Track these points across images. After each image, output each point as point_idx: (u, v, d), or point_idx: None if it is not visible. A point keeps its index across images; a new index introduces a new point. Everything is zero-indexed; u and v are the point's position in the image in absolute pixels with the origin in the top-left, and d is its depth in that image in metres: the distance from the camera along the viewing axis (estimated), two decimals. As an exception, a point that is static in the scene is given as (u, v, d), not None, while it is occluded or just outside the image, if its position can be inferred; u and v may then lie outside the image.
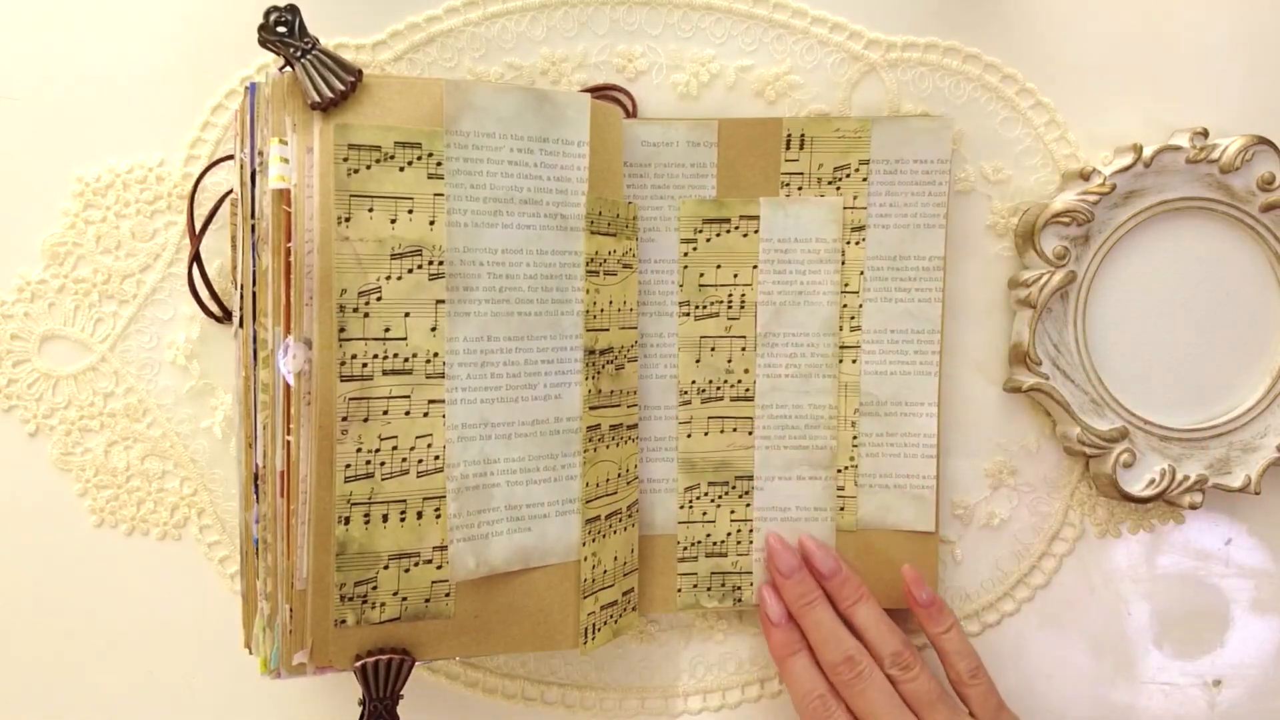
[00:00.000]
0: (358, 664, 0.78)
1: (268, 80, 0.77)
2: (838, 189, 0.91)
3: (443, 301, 0.79)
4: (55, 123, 0.90)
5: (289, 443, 0.77)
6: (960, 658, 0.88)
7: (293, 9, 0.77)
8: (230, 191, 0.89)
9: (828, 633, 0.87)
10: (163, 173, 0.91)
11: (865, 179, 0.91)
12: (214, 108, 0.91)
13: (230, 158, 0.89)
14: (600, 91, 0.91)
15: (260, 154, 0.78)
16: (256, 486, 0.79)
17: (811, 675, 0.87)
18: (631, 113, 0.91)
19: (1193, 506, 0.92)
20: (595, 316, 0.85)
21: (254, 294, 0.78)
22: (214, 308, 0.90)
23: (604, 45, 0.91)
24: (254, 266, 0.78)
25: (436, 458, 0.80)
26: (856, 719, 0.86)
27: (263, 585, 0.79)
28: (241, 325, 0.81)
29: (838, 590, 0.89)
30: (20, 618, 0.93)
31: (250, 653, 0.82)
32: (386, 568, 0.79)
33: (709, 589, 0.92)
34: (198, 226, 0.89)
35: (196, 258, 0.89)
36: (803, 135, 0.90)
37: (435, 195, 0.78)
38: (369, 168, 0.77)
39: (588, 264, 0.84)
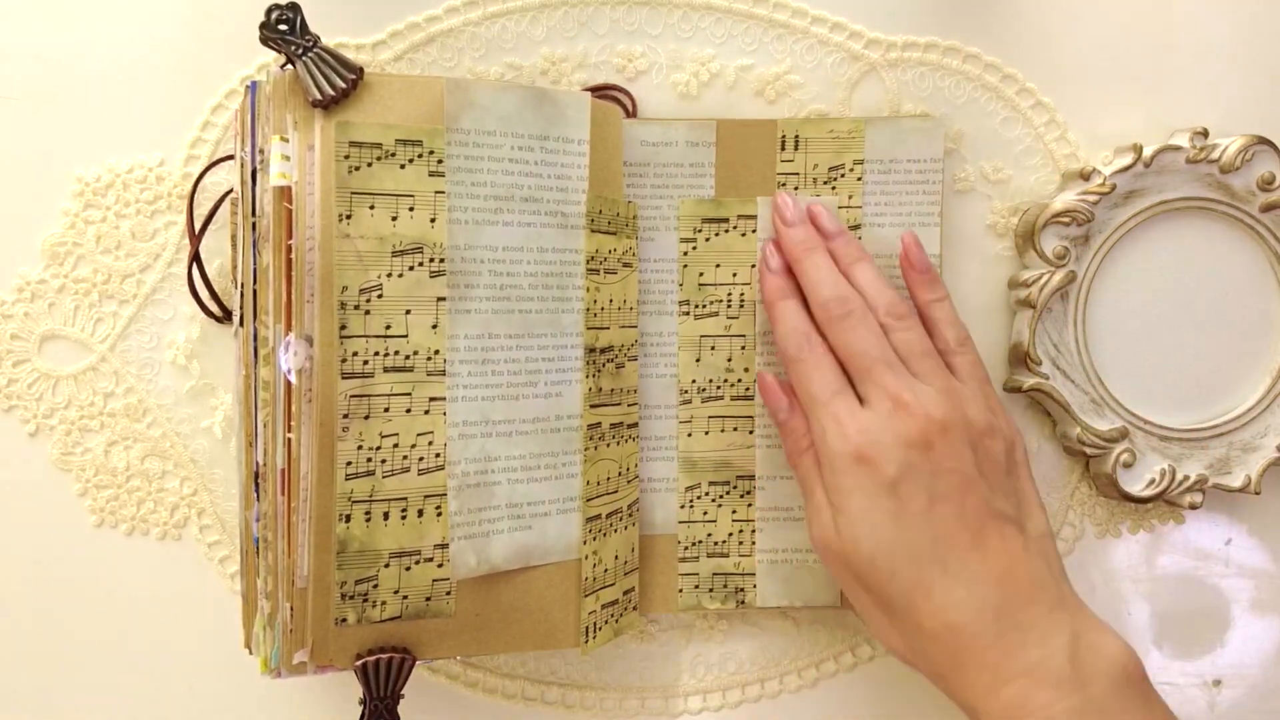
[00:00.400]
0: (358, 663, 0.78)
1: (269, 79, 0.77)
2: (833, 189, 0.91)
3: (444, 299, 0.79)
4: (55, 122, 0.91)
5: (290, 440, 0.77)
6: (950, 326, 0.86)
7: (294, 7, 0.77)
8: (230, 191, 0.89)
9: (825, 273, 0.85)
10: (163, 172, 0.91)
11: (860, 179, 0.91)
12: (214, 107, 0.91)
13: (230, 158, 0.90)
14: (600, 91, 0.91)
15: (261, 152, 0.78)
16: (257, 485, 0.80)
17: (800, 316, 0.85)
18: (631, 112, 0.92)
19: (1193, 506, 0.92)
20: (596, 315, 0.85)
21: (255, 292, 0.78)
22: (214, 307, 0.90)
23: (604, 45, 0.91)
24: (255, 265, 0.78)
25: (437, 455, 0.80)
26: (839, 358, 0.84)
27: (263, 584, 0.79)
28: (242, 324, 0.81)
29: (839, 249, 0.88)
30: (20, 618, 0.93)
31: (250, 653, 0.82)
32: (387, 566, 0.79)
33: (710, 589, 0.92)
34: (198, 226, 0.89)
35: (196, 257, 0.89)
36: (797, 136, 0.91)
37: (436, 193, 0.79)
38: (370, 165, 0.77)
39: (588, 262, 0.85)
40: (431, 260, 0.79)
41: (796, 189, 0.91)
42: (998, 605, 0.74)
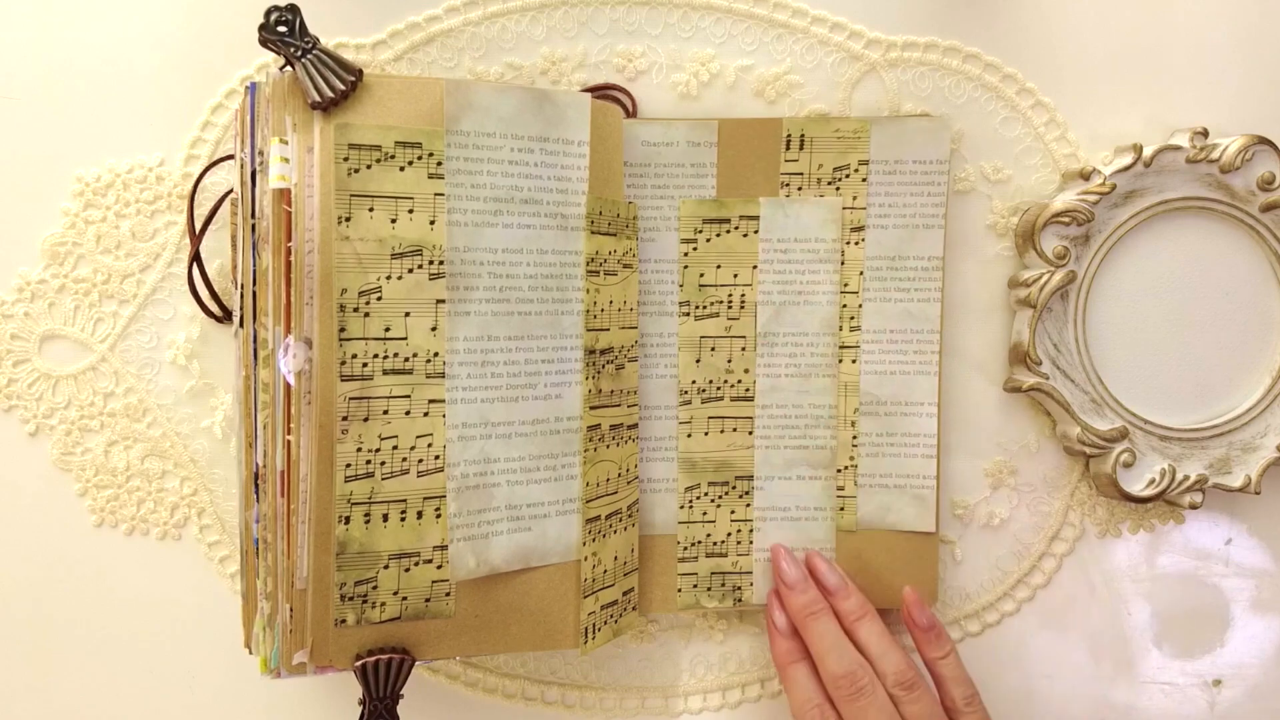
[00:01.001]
0: (358, 664, 0.78)
1: (268, 80, 0.77)
2: (837, 189, 0.91)
3: (443, 301, 0.79)
4: (55, 123, 0.91)
5: (289, 442, 0.77)
6: (956, 684, 0.87)
7: (293, 9, 0.77)
8: (230, 191, 0.89)
9: (831, 644, 0.86)
10: (163, 172, 0.91)
11: (864, 179, 0.91)
12: (214, 107, 0.91)
13: (230, 158, 0.90)
14: (600, 91, 0.91)
15: (260, 154, 0.78)
16: (257, 486, 0.80)
17: (811, 684, 0.86)
18: (632, 112, 0.92)
19: (1193, 506, 0.93)
20: (595, 316, 0.85)
21: (254, 293, 0.78)
22: (214, 307, 0.90)
23: (604, 45, 0.92)
24: (254, 266, 0.78)
25: (437, 457, 0.80)
26: None
27: (263, 585, 0.80)
28: (242, 325, 0.81)
29: (842, 605, 0.88)
30: (20, 617, 0.94)
31: (250, 652, 0.82)
32: (387, 567, 0.79)
33: (709, 589, 0.92)
34: (198, 226, 0.89)
35: (196, 257, 0.89)
36: (802, 135, 0.90)
37: (435, 195, 0.79)
38: (369, 167, 0.77)
39: (588, 264, 0.84)
40: (431, 262, 0.79)
41: (800, 189, 0.91)
42: None
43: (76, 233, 0.91)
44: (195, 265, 0.89)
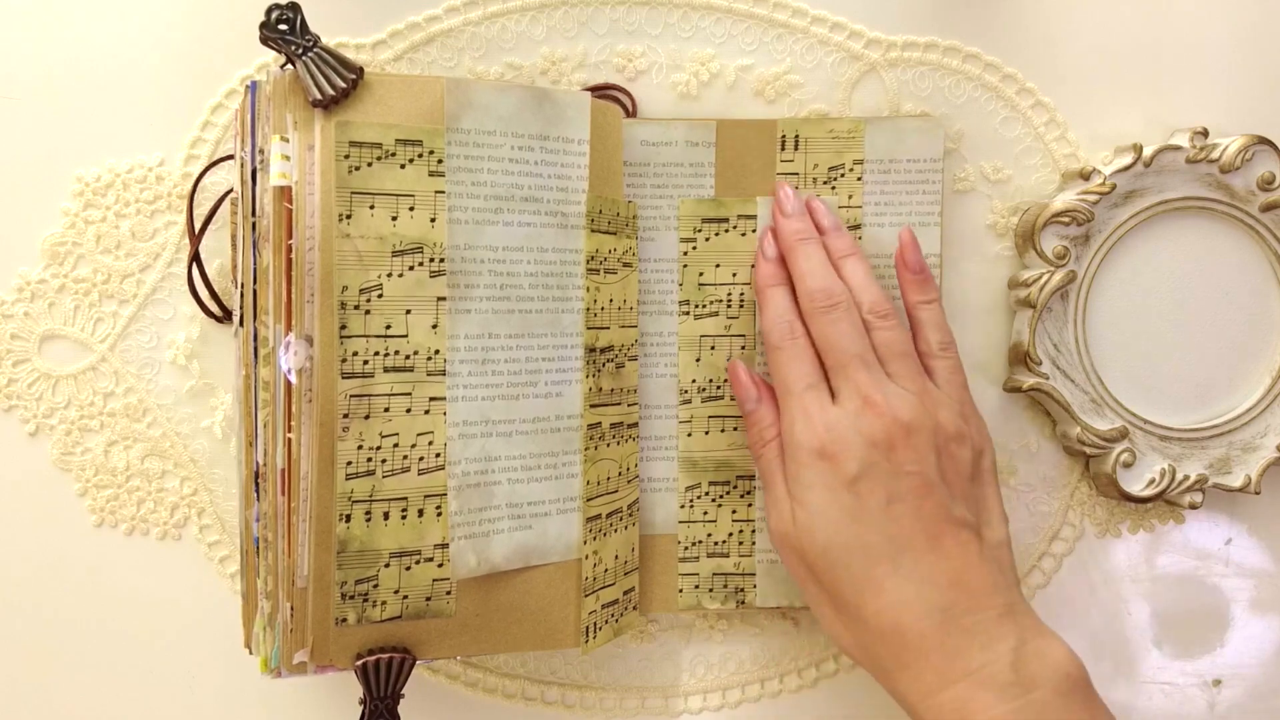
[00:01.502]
0: (358, 663, 0.78)
1: (268, 79, 0.78)
2: (833, 189, 0.92)
3: (444, 299, 0.80)
4: (55, 122, 0.91)
5: (290, 440, 0.78)
6: (934, 329, 0.87)
7: (294, 7, 0.77)
8: (230, 191, 0.90)
9: (816, 264, 0.86)
10: (163, 172, 0.91)
11: (860, 179, 0.91)
12: (214, 107, 0.91)
13: (230, 157, 0.90)
14: (600, 91, 0.91)
15: (261, 152, 0.78)
16: (257, 485, 0.80)
17: (787, 304, 0.86)
18: (631, 112, 0.92)
19: (1193, 506, 0.93)
20: (595, 315, 0.85)
21: (255, 292, 0.79)
22: (214, 307, 0.91)
23: (604, 45, 0.92)
24: (255, 265, 0.79)
25: (438, 455, 0.80)
26: (819, 350, 0.85)
27: (263, 584, 0.80)
28: (242, 324, 0.81)
29: (833, 244, 0.88)
30: (20, 618, 0.94)
31: (251, 653, 0.82)
32: (387, 566, 0.79)
33: (710, 590, 0.92)
34: (197, 226, 0.90)
35: (196, 257, 0.90)
36: (797, 136, 0.91)
37: (436, 193, 0.79)
38: (370, 165, 0.77)
39: (588, 262, 0.85)
40: (431, 260, 0.79)
41: (796, 189, 0.91)
42: (946, 607, 0.75)
43: (76, 232, 0.91)
44: (195, 265, 0.90)
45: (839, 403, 0.81)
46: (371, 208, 0.77)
